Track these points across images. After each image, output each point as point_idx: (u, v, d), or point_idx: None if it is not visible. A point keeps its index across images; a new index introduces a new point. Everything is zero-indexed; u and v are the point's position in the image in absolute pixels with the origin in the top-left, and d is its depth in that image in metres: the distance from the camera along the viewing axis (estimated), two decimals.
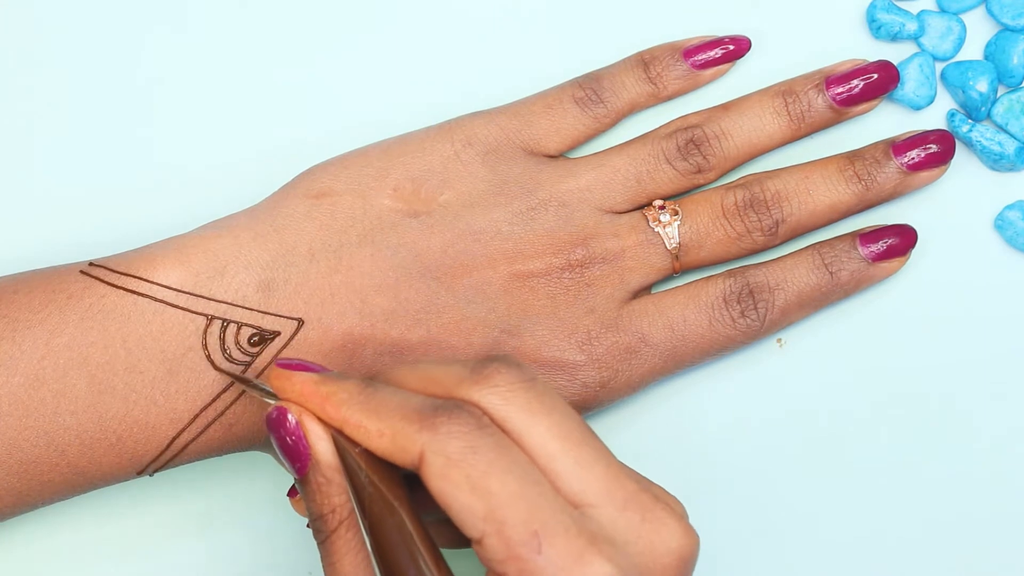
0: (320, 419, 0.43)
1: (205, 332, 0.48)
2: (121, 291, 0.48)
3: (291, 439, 0.43)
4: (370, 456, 0.42)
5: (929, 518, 0.53)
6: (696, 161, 0.52)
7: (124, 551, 0.54)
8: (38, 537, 0.53)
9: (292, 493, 0.49)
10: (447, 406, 0.41)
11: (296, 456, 0.43)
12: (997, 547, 0.53)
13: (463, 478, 0.40)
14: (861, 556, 0.53)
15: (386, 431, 0.41)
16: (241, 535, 0.54)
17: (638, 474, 0.43)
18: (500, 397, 0.41)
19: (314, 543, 0.53)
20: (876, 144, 0.53)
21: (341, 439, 0.43)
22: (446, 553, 0.44)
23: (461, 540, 0.45)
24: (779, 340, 0.53)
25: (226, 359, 0.48)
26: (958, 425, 0.53)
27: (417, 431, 0.41)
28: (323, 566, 0.43)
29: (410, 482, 0.43)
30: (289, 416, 0.43)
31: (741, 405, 0.53)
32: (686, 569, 0.42)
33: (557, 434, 0.41)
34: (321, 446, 0.43)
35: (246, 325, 0.49)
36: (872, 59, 0.53)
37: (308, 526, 0.45)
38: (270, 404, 0.44)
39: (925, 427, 0.53)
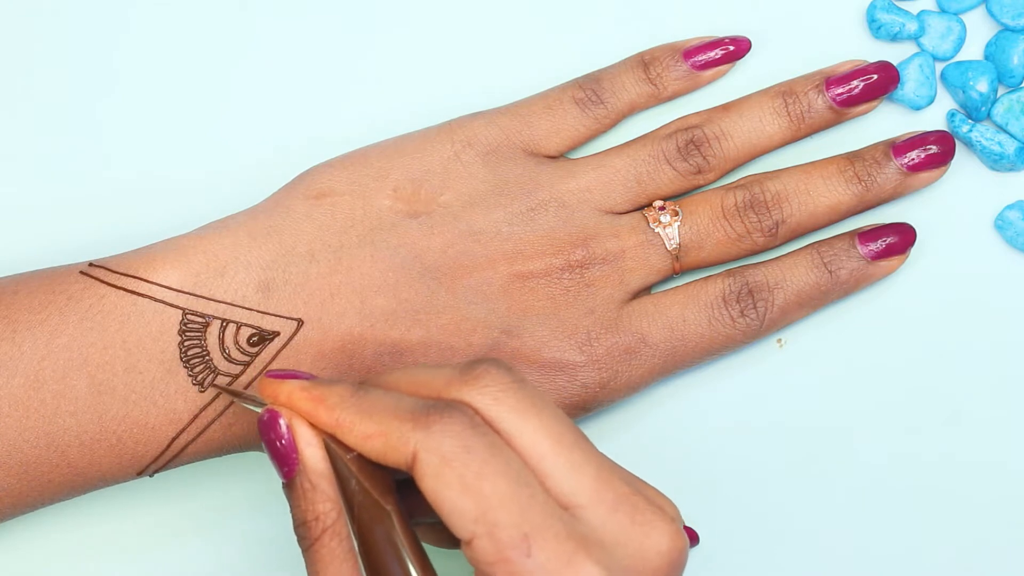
0: (312, 425, 0.43)
1: (204, 331, 0.48)
2: (121, 291, 0.48)
3: (280, 443, 0.43)
4: (362, 463, 0.42)
5: (929, 517, 0.53)
6: (696, 162, 0.52)
7: (124, 552, 0.54)
8: (38, 538, 0.53)
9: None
10: (440, 406, 0.41)
11: (284, 460, 0.43)
12: (997, 546, 0.53)
13: (456, 478, 0.40)
14: (862, 556, 0.53)
15: (379, 431, 0.41)
16: (241, 536, 0.54)
17: (631, 475, 0.43)
18: (490, 397, 0.41)
19: None
20: (876, 145, 0.53)
21: (332, 445, 0.43)
22: (434, 553, 0.44)
23: (449, 540, 0.45)
24: (779, 340, 0.53)
25: (225, 359, 0.48)
26: (958, 425, 0.53)
27: (411, 430, 0.41)
28: (308, 573, 0.43)
29: (400, 489, 0.43)
30: (280, 420, 0.43)
31: (741, 405, 0.53)
32: (675, 572, 0.42)
33: (548, 435, 0.41)
34: (310, 451, 0.43)
35: (245, 325, 0.49)
36: (872, 59, 0.53)
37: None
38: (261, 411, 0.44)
39: (925, 427, 0.53)
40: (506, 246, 0.51)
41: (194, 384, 0.48)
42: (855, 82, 0.52)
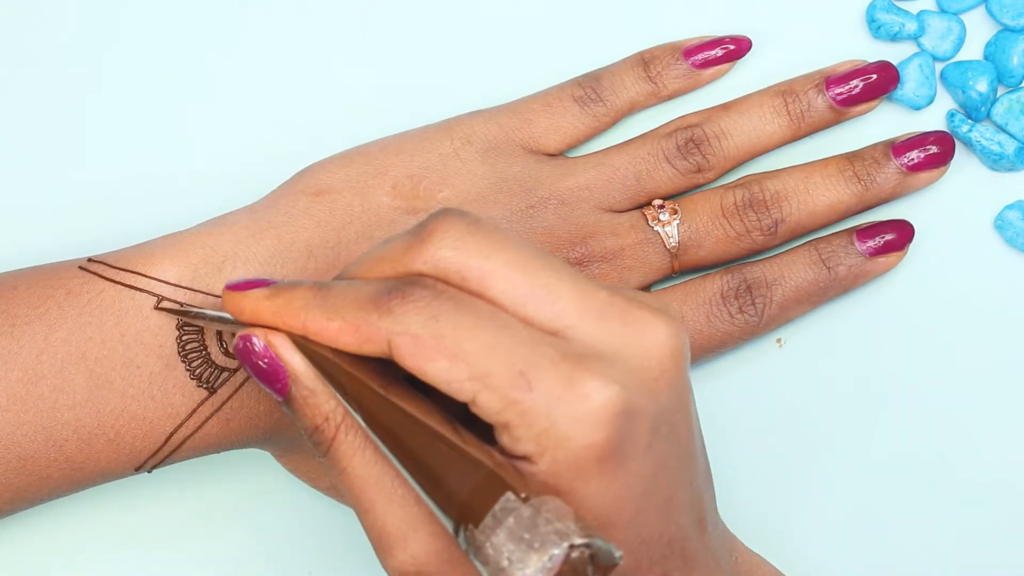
0: (285, 332, 0.42)
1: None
2: (119, 286, 0.48)
3: (264, 363, 0.42)
4: (342, 355, 0.41)
5: (928, 516, 0.53)
6: (696, 160, 0.52)
7: (122, 549, 0.53)
8: (36, 535, 0.53)
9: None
10: (398, 285, 0.40)
11: (274, 378, 0.42)
12: (996, 544, 0.52)
13: (434, 350, 0.39)
14: (861, 555, 0.53)
15: (348, 326, 0.40)
16: (240, 533, 0.54)
17: (613, 284, 0.42)
18: (450, 248, 0.40)
19: (314, 543, 0.53)
20: (876, 145, 0.53)
21: (308, 345, 0.42)
22: None
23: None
24: (779, 340, 0.53)
25: (223, 353, 0.48)
26: (957, 425, 0.53)
27: (377, 318, 0.40)
28: (334, 477, 0.42)
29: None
30: (255, 339, 0.43)
31: (741, 404, 0.53)
32: (681, 358, 0.41)
33: (517, 266, 0.40)
34: (295, 360, 0.42)
35: None
36: (872, 59, 0.53)
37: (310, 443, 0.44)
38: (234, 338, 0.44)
39: (924, 427, 0.53)
40: None
41: (192, 379, 0.48)
42: (855, 82, 0.52)
